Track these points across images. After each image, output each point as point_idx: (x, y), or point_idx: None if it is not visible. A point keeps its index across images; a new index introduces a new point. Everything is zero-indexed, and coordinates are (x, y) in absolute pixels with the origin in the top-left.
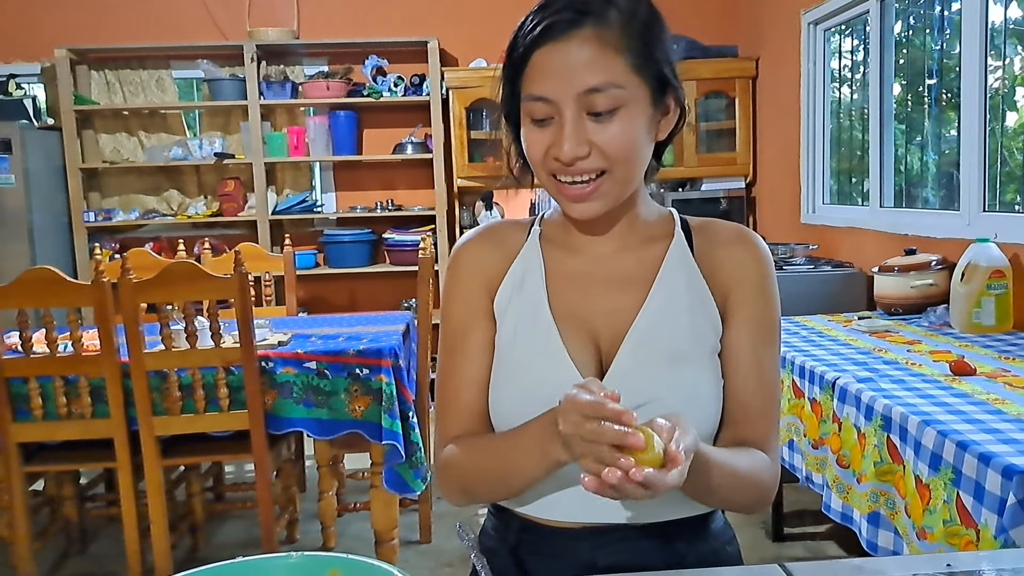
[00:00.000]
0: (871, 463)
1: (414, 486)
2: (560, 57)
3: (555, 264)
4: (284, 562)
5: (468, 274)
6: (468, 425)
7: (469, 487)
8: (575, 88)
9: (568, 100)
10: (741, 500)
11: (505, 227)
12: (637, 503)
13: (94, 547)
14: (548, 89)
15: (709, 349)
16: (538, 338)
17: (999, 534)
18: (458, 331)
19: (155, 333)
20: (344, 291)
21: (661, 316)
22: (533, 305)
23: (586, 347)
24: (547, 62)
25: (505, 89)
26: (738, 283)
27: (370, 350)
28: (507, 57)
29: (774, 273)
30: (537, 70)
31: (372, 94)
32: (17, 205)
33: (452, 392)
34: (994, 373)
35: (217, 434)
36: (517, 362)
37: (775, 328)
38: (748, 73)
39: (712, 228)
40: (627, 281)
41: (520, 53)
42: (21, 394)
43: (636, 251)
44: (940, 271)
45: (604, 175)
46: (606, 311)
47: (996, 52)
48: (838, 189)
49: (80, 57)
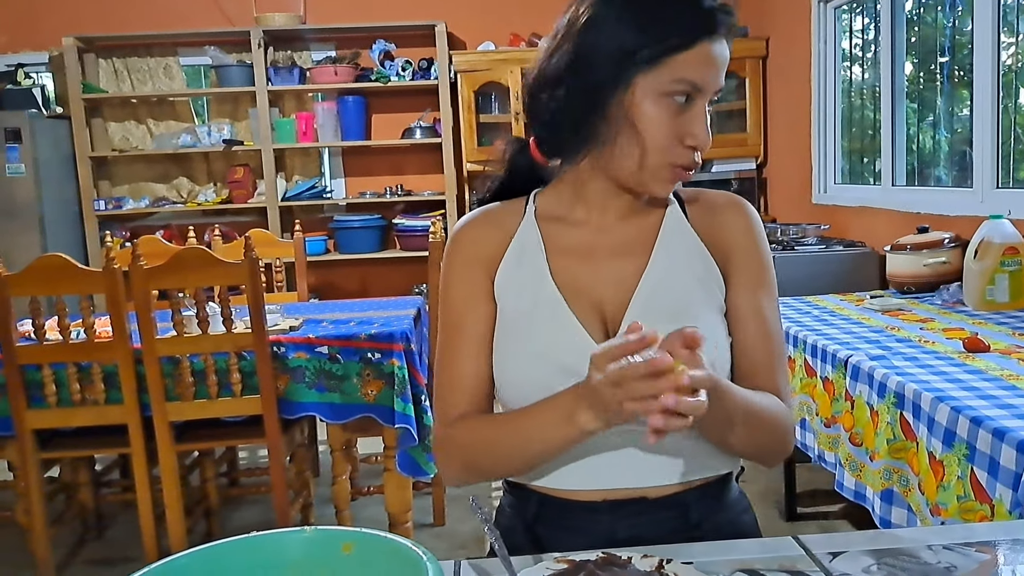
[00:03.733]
0: (884, 440)
1: (427, 469)
2: (719, 52)
3: (554, 238)
4: (298, 536)
5: (467, 256)
6: (471, 404)
7: (474, 463)
8: (718, 83)
9: (711, 92)
10: (761, 440)
11: (500, 208)
12: (653, 468)
13: (110, 532)
14: (705, 79)
15: (716, 306)
16: (544, 308)
17: (1014, 508)
18: (458, 311)
19: (167, 319)
20: (355, 277)
21: (665, 277)
22: (535, 278)
23: (592, 313)
24: (710, 53)
25: (610, 56)
26: (735, 245)
27: (382, 334)
28: (644, 33)
29: (764, 232)
30: (699, 57)
31: (380, 79)
32: (28, 194)
33: (453, 372)
34: (1008, 350)
35: (230, 419)
36: (524, 331)
37: (771, 282)
38: (758, 53)
39: (703, 196)
40: (628, 248)
41: (681, 37)
42: (35, 381)
43: (634, 220)
44: (953, 249)
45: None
46: (610, 279)
47: (1009, 28)
48: (850, 169)
49: (88, 45)
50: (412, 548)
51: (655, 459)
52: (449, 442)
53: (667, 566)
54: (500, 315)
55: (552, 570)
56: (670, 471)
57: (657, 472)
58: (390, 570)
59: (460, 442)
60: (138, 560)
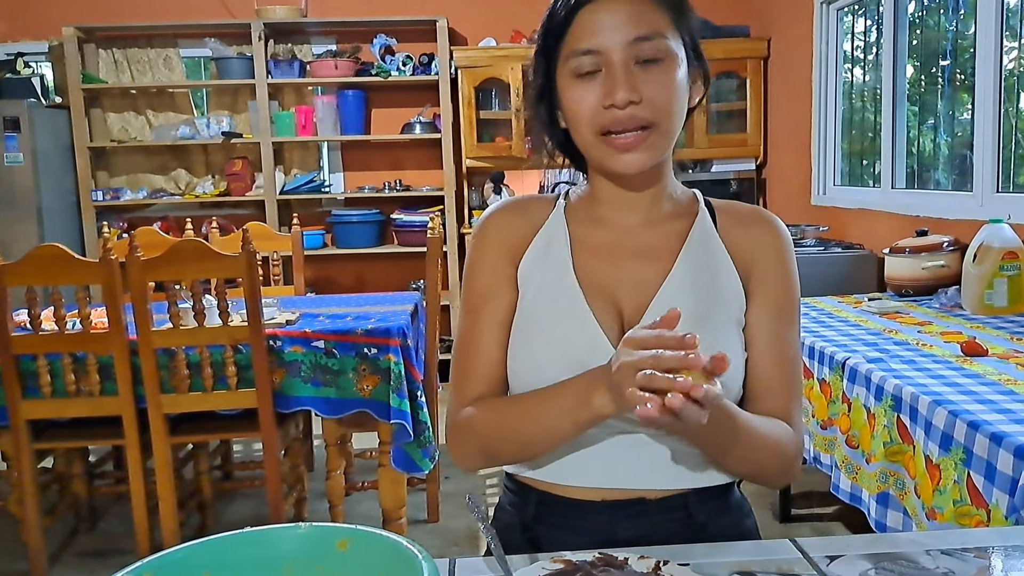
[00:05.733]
0: (880, 443)
1: (422, 465)
2: (605, 13)
3: (580, 235)
4: (293, 532)
5: (493, 241)
6: (489, 388)
7: (491, 447)
8: (624, 37)
9: (617, 49)
10: (760, 461)
11: (531, 200)
12: (652, 470)
13: (103, 524)
14: (596, 42)
15: (734, 320)
16: (563, 301)
17: (1010, 514)
18: (481, 296)
19: (163, 311)
20: (352, 272)
21: (685, 286)
22: (558, 271)
23: (611, 312)
24: (592, 19)
25: (539, 64)
26: (760, 261)
27: (378, 329)
28: (543, 29)
29: (794, 254)
30: (582, 27)
31: (380, 73)
32: (25, 184)
33: (473, 355)
34: (1006, 354)
35: (225, 412)
36: (541, 322)
37: (795, 307)
38: (760, 53)
39: (734, 208)
40: (652, 253)
41: (562, 17)
42: (30, 371)
43: (661, 225)
44: (952, 252)
45: (651, 128)
46: (631, 281)
47: (1011, 32)
48: (849, 171)
49: (88, 35)
50: (408, 546)
51: (655, 461)
52: (466, 426)
53: (664, 567)
54: (520, 304)
55: (548, 570)
56: (670, 474)
57: (657, 474)
58: (385, 568)
59: (480, 425)
60: (131, 552)
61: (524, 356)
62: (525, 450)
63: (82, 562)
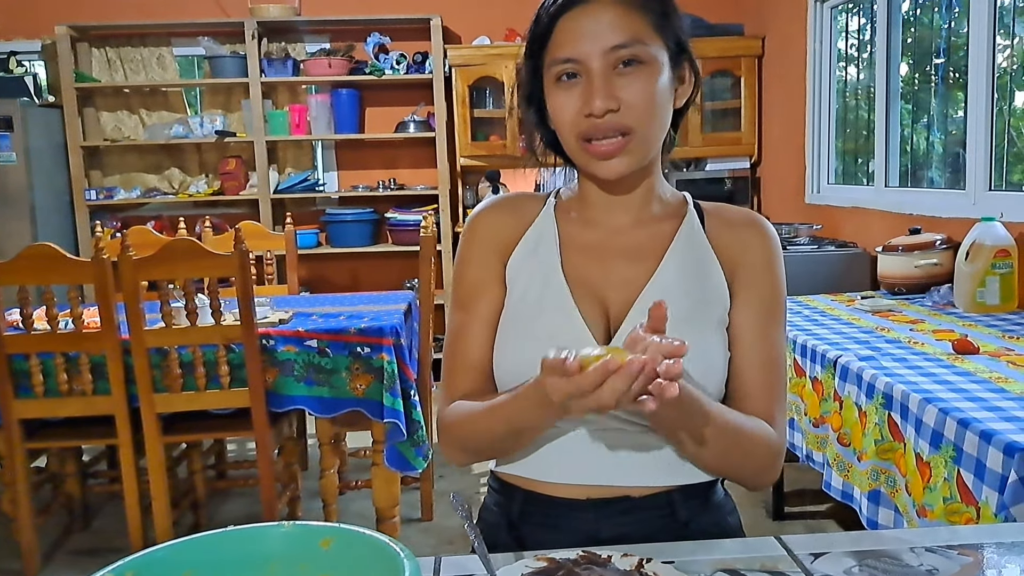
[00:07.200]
0: (872, 441)
1: (415, 464)
2: (585, 21)
3: (569, 234)
4: (276, 531)
5: (483, 238)
6: (475, 383)
7: (469, 446)
8: (602, 46)
9: (595, 57)
10: (738, 461)
11: (521, 197)
12: (636, 467)
13: (96, 523)
14: (575, 51)
15: (716, 320)
16: (549, 297)
17: (1000, 511)
18: (470, 292)
19: (156, 311)
20: (346, 270)
21: (670, 286)
22: (546, 268)
23: (597, 310)
24: (572, 27)
25: (527, 68)
26: (746, 263)
27: (371, 328)
28: (530, 34)
29: (781, 256)
30: (563, 35)
31: (374, 72)
32: (18, 183)
33: (461, 351)
34: (997, 352)
35: (218, 411)
36: (527, 317)
37: (780, 309)
38: (754, 52)
39: (724, 211)
40: (639, 253)
41: (545, 24)
42: (22, 370)
43: (649, 226)
44: (944, 250)
45: (630, 135)
46: (617, 281)
47: (1005, 31)
48: (843, 169)
49: (81, 34)
50: (390, 544)
51: (639, 458)
52: (450, 424)
53: (647, 565)
54: (508, 300)
55: (532, 568)
56: (654, 471)
57: (641, 471)
58: (369, 566)
59: (460, 425)
60: (124, 551)
61: (510, 351)
62: (503, 447)
63: (75, 561)
